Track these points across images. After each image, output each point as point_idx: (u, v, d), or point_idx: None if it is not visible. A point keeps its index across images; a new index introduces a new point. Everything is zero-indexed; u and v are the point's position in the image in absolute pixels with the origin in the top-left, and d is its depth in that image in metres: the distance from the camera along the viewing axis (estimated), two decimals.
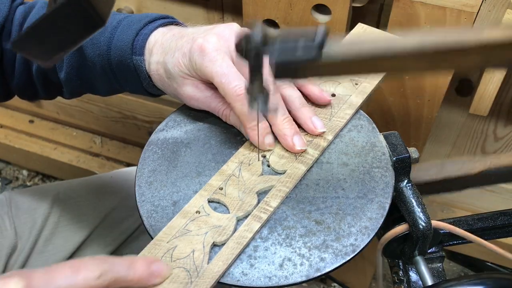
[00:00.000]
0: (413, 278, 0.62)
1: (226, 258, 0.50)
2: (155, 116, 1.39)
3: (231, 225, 0.53)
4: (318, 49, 0.44)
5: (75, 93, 0.74)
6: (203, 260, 0.50)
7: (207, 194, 0.56)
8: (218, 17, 1.06)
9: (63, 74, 0.69)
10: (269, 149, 0.60)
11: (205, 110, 0.63)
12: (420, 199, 0.58)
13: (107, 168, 1.52)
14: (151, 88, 0.66)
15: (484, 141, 1.07)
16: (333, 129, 0.62)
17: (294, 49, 0.44)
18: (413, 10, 0.77)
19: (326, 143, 0.60)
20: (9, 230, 0.82)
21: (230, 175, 0.58)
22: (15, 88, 0.74)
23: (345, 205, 0.55)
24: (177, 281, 0.48)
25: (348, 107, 0.65)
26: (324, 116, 0.63)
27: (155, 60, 0.62)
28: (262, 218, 0.53)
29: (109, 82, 0.68)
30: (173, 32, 0.62)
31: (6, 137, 1.58)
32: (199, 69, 0.58)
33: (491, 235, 0.66)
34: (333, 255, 0.51)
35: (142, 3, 1.09)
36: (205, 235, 0.52)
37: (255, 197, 0.55)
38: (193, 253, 0.50)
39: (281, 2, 0.84)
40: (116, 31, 0.64)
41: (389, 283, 0.66)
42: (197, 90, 0.61)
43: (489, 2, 0.73)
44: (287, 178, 0.56)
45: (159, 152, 0.61)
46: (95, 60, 0.65)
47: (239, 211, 0.54)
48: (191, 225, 0.53)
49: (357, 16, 0.93)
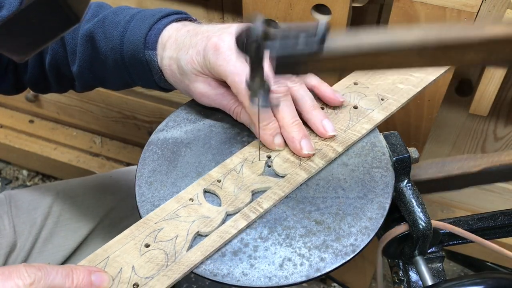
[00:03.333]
0: (413, 278, 0.62)
1: (206, 250, 0.51)
2: (155, 116, 1.39)
3: (219, 218, 0.53)
4: (319, 43, 0.43)
5: (87, 86, 0.75)
6: (183, 247, 0.51)
7: (204, 184, 0.56)
8: (218, 17, 1.06)
9: (75, 68, 0.69)
10: (278, 150, 0.59)
11: (215, 107, 0.63)
12: (420, 199, 0.58)
13: (107, 168, 1.51)
14: (163, 83, 0.66)
15: (484, 141, 1.07)
16: (345, 142, 0.60)
17: (294, 44, 0.44)
18: (413, 10, 0.77)
19: (335, 155, 0.59)
20: (8, 229, 0.82)
21: (231, 169, 0.58)
22: (28, 81, 0.75)
23: (345, 205, 0.55)
24: (154, 262, 0.50)
25: (367, 121, 0.62)
26: (339, 127, 0.62)
27: (168, 55, 0.62)
28: (251, 217, 0.53)
29: (121, 76, 0.68)
30: (187, 28, 0.62)
31: (6, 137, 1.58)
32: (212, 68, 0.58)
33: (491, 235, 0.66)
34: (333, 255, 0.51)
35: (142, 3, 1.09)
36: (191, 223, 0.53)
37: (249, 195, 0.55)
38: (176, 238, 0.52)
39: (281, 2, 0.84)
40: (129, 25, 0.64)
41: (389, 283, 0.66)
42: (209, 87, 0.61)
43: (489, 2, 0.73)
44: (285, 182, 0.56)
45: (159, 152, 0.61)
46: (107, 54, 0.65)
47: (230, 206, 0.54)
48: (182, 210, 0.54)
49: (357, 16, 0.93)
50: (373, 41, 0.44)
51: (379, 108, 0.64)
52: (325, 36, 0.43)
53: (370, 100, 0.65)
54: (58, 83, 0.75)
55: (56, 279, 0.44)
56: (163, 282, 0.48)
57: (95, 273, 0.47)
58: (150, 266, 0.50)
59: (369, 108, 0.64)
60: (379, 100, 0.65)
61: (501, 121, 1.02)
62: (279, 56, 0.44)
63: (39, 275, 0.44)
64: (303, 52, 0.44)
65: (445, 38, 0.44)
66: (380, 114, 0.63)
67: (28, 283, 0.43)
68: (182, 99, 1.14)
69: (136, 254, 0.51)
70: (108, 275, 0.48)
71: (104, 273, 0.48)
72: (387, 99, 0.65)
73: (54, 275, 0.44)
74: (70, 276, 0.45)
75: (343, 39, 0.45)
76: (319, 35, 0.43)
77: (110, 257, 0.50)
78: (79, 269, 0.47)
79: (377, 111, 0.64)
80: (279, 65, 0.45)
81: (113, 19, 0.65)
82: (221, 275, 0.50)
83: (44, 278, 0.44)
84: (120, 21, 0.65)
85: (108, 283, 0.48)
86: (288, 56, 0.44)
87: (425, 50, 0.45)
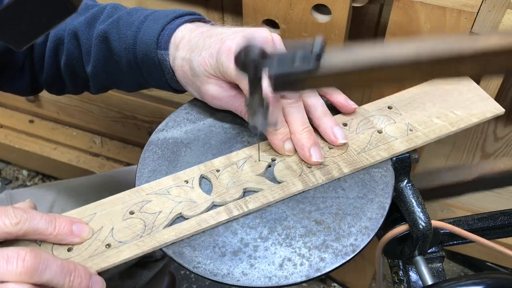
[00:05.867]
0: (413, 278, 0.62)
1: (180, 232, 0.52)
2: (155, 116, 1.39)
3: (204, 206, 0.54)
4: (316, 60, 0.44)
5: (102, 87, 0.75)
6: (162, 224, 0.53)
7: (204, 169, 0.58)
8: (218, 17, 1.06)
9: (90, 68, 0.70)
10: (288, 155, 0.59)
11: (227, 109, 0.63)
12: (420, 199, 0.58)
13: (107, 168, 1.52)
14: (175, 83, 0.66)
15: (484, 141, 1.07)
16: (354, 164, 0.57)
17: (292, 61, 0.45)
18: (413, 10, 0.77)
19: (339, 174, 0.57)
20: None
21: (233, 162, 0.58)
22: (44, 82, 0.76)
23: (345, 205, 0.55)
24: (131, 229, 0.52)
25: (386, 149, 0.59)
26: (355, 148, 0.59)
27: (181, 56, 0.62)
28: (233, 213, 0.54)
29: (134, 77, 0.68)
30: (201, 29, 0.62)
31: (6, 137, 1.59)
32: (225, 71, 0.58)
33: (491, 235, 0.66)
34: (333, 255, 0.51)
35: (142, 3, 1.09)
36: (178, 204, 0.54)
37: (239, 192, 0.55)
38: (159, 213, 0.54)
39: (281, 2, 0.84)
40: (142, 26, 0.64)
41: (389, 283, 0.66)
42: (221, 89, 0.61)
43: (489, 2, 0.73)
44: (278, 189, 0.56)
45: (159, 152, 0.61)
46: (121, 54, 0.66)
47: (218, 198, 0.55)
48: (174, 189, 0.56)
49: (357, 16, 0.93)
50: (369, 57, 0.45)
51: (404, 139, 0.60)
52: (322, 52, 0.44)
53: (397, 128, 0.61)
54: (73, 83, 0.76)
55: (40, 224, 0.48)
56: (132, 250, 0.51)
57: (76, 224, 0.51)
58: (127, 232, 0.52)
59: (393, 136, 0.60)
60: (407, 130, 0.61)
61: (501, 121, 1.02)
62: (277, 74, 0.45)
63: (25, 217, 0.47)
64: (301, 70, 0.45)
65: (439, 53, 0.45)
66: (402, 144, 0.59)
67: (14, 223, 0.46)
68: (182, 99, 1.14)
69: (119, 217, 0.53)
70: (89, 227, 0.52)
71: (85, 224, 0.52)
72: (416, 131, 0.61)
73: (38, 220, 0.48)
74: (53, 222, 0.49)
75: (339, 55, 0.46)
76: (315, 52, 0.44)
77: (97, 214, 0.54)
78: (62, 218, 0.50)
79: (400, 140, 0.60)
80: (277, 83, 0.46)
81: (127, 20, 0.66)
82: (221, 275, 0.50)
83: (29, 220, 0.47)
84: (134, 22, 0.65)
85: (88, 234, 0.51)
86: (286, 74, 0.45)
87: (420, 64, 0.46)
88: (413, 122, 0.62)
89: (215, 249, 0.52)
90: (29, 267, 0.43)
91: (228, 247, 0.52)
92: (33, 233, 0.48)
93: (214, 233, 0.53)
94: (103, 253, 0.51)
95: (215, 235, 0.53)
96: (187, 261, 0.51)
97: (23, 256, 0.44)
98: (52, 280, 0.45)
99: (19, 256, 0.44)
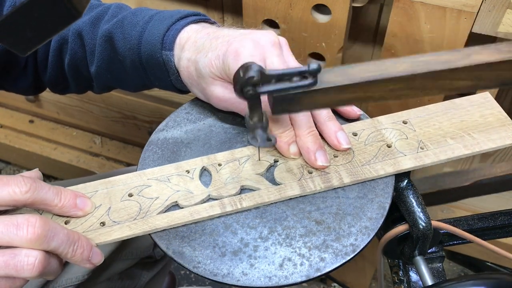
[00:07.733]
0: (413, 278, 0.62)
1: (172, 220, 0.53)
2: (155, 116, 1.39)
3: (200, 197, 0.55)
4: (313, 79, 0.46)
5: (105, 87, 0.76)
6: (156, 210, 0.54)
7: (206, 162, 0.58)
8: (218, 17, 1.06)
9: (94, 68, 0.70)
10: (293, 158, 0.58)
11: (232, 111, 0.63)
12: (420, 199, 0.58)
13: (107, 168, 1.52)
14: (179, 84, 0.66)
15: None
16: (356, 176, 0.56)
17: (289, 83, 0.47)
18: (413, 10, 0.77)
19: (338, 184, 0.56)
20: None
21: (236, 158, 0.58)
22: (48, 81, 0.77)
23: (345, 205, 0.55)
24: (127, 211, 0.54)
25: (392, 165, 0.57)
26: (360, 159, 0.58)
27: (187, 57, 0.62)
28: (226, 208, 0.54)
29: (139, 77, 0.68)
30: (207, 30, 0.62)
31: (6, 137, 1.58)
32: (231, 73, 0.57)
33: (491, 235, 0.66)
34: (333, 255, 0.51)
35: (142, 3, 1.09)
36: (175, 192, 0.55)
37: (237, 188, 0.55)
38: (156, 199, 0.55)
39: (281, 2, 0.84)
40: (147, 26, 0.64)
41: (389, 283, 0.66)
42: (226, 91, 0.60)
43: (489, 2, 0.73)
44: (275, 190, 0.56)
45: (159, 152, 0.61)
46: (125, 54, 0.66)
47: (215, 192, 0.55)
48: (174, 178, 0.57)
49: (357, 16, 0.93)
50: (364, 74, 0.47)
51: (412, 156, 0.58)
52: (318, 72, 0.46)
53: (408, 144, 0.59)
54: (77, 83, 0.76)
55: (47, 194, 0.49)
56: (123, 231, 0.52)
57: (80, 198, 0.53)
58: (122, 213, 0.54)
59: (401, 152, 0.58)
60: (418, 148, 0.59)
61: None
62: (276, 97, 0.47)
63: (34, 186, 0.48)
64: (298, 91, 0.47)
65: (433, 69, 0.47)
66: (410, 161, 0.57)
67: (24, 191, 0.47)
68: (182, 99, 1.14)
69: (118, 198, 0.55)
70: (91, 201, 0.54)
71: (88, 199, 0.54)
72: (427, 149, 0.58)
73: (46, 190, 0.49)
74: (59, 195, 0.51)
75: (335, 75, 0.47)
76: (312, 69, 0.46)
77: (98, 191, 0.56)
78: (67, 191, 0.52)
79: (408, 157, 0.58)
80: (276, 105, 0.48)
81: (132, 20, 0.66)
82: (221, 275, 0.50)
83: (38, 190, 0.48)
84: (138, 22, 0.65)
85: (90, 209, 0.54)
86: (284, 96, 0.47)
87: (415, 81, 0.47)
88: (426, 140, 0.60)
89: (215, 249, 0.52)
90: (40, 234, 0.45)
91: (228, 247, 0.52)
92: (40, 203, 0.49)
93: (214, 233, 0.53)
94: (97, 230, 0.52)
95: (215, 235, 0.53)
96: (187, 261, 0.51)
97: (33, 223, 0.45)
98: (59, 248, 0.47)
99: (29, 223, 0.45)
